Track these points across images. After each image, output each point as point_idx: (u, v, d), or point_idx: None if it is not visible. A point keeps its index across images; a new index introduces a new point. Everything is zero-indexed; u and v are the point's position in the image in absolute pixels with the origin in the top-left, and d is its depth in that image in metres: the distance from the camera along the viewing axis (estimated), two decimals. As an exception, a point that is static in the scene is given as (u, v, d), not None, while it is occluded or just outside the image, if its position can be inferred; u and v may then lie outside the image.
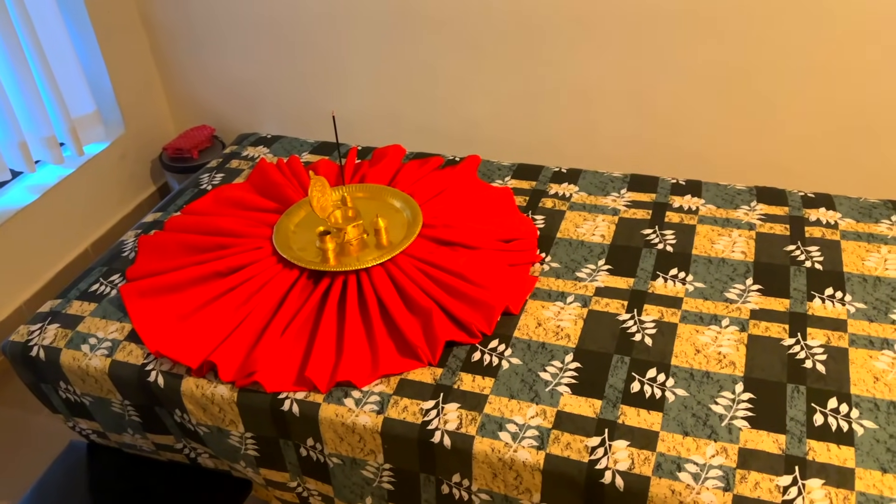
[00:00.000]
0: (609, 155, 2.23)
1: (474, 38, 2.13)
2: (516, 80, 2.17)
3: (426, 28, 2.15)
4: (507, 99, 2.22)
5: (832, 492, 1.03)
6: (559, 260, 1.48)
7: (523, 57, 2.12)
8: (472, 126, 2.30)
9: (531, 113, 2.23)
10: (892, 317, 1.28)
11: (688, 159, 2.16)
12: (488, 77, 2.19)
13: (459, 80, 2.23)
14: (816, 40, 1.88)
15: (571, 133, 2.24)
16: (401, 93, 2.31)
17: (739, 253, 1.45)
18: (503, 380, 1.23)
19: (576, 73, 2.11)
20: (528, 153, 2.30)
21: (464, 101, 2.26)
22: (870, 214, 1.52)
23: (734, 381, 1.19)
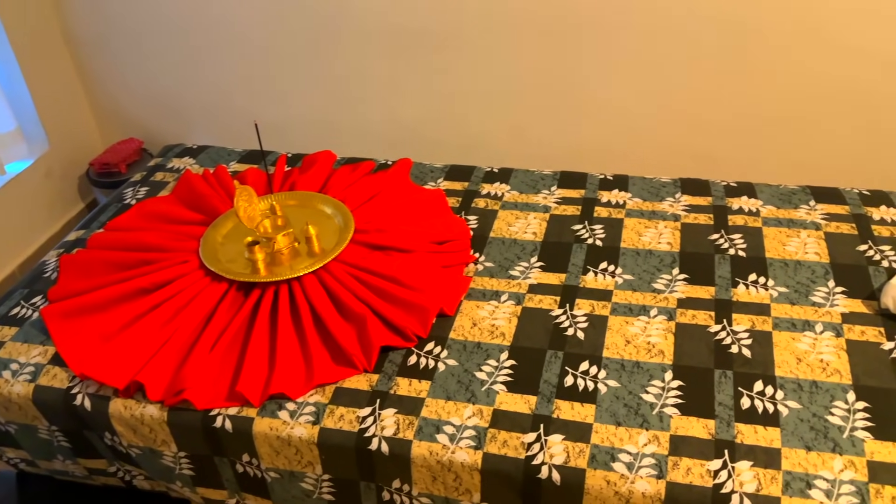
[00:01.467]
0: (541, 153, 2.25)
1: (404, 41, 2.12)
2: (447, 81, 2.18)
3: (356, 32, 2.13)
4: (438, 100, 2.22)
5: (760, 473, 1.06)
6: (493, 259, 1.49)
7: (453, 58, 2.13)
8: (405, 129, 2.29)
9: (463, 113, 2.23)
10: (812, 299, 1.32)
11: (617, 154, 2.20)
12: (419, 79, 2.19)
13: (390, 82, 2.22)
14: (736, 34, 1.93)
15: (504, 132, 2.25)
16: (332, 98, 2.28)
17: (666, 244, 1.49)
18: (440, 382, 1.23)
19: (505, 72, 2.13)
20: (461, 154, 2.30)
21: (395, 104, 2.25)
22: (789, 201, 1.57)
23: (664, 370, 1.22)
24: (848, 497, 1.02)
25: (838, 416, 1.12)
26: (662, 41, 1.98)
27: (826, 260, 1.40)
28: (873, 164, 2.02)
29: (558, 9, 1.99)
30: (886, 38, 1.83)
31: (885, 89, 1.91)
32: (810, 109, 2.00)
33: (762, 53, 1.93)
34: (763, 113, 2.03)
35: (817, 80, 1.95)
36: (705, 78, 2.01)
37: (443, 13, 2.05)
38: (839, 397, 1.14)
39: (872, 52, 1.86)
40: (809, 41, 1.89)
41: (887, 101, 1.93)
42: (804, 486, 1.04)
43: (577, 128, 2.20)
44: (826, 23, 1.85)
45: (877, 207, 1.52)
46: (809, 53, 1.90)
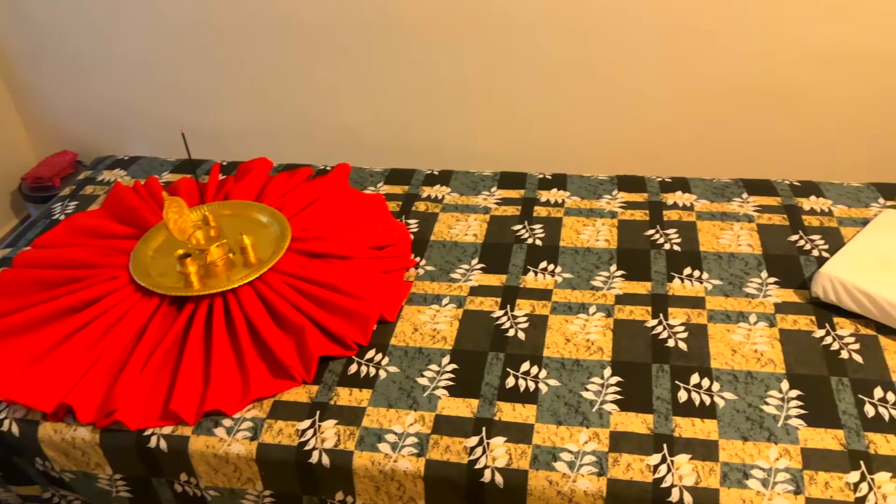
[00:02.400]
0: (483, 154, 2.25)
1: (343, 43, 2.10)
2: (388, 83, 2.16)
3: (294, 35, 2.10)
4: (379, 104, 2.21)
5: (699, 465, 1.07)
6: (434, 263, 1.48)
7: (393, 60, 2.11)
8: (346, 133, 2.26)
9: (405, 116, 2.22)
10: (745, 290, 1.35)
11: (557, 153, 2.21)
12: (360, 82, 2.17)
13: (330, 86, 2.19)
14: (669, 32, 1.96)
15: (446, 134, 2.25)
16: (270, 103, 2.25)
17: (603, 241, 1.50)
18: (381, 390, 1.22)
19: (447, 73, 2.12)
20: (404, 157, 2.29)
21: (335, 108, 2.23)
22: (722, 194, 1.60)
23: (602, 367, 1.23)
24: (783, 485, 1.04)
25: (773, 406, 1.14)
26: (598, 41, 2.00)
27: (759, 251, 1.43)
28: (803, 156, 2.08)
29: (497, 11, 1.99)
30: (813, 31, 1.88)
31: (812, 81, 1.97)
32: (741, 103, 2.04)
33: (694, 50, 1.97)
34: (697, 108, 2.06)
35: (748, 75, 1.99)
36: (641, 76, 2.04)
37: (381, 14, 2.04)
38: (773, 387, 1.17)
39: (800, 46, 1.91)
40: (740, 37, 1.93)
41: (815, 92, 1.99)
42: (741, 476, 1.05)
43: (518, 128, 2.21)
44: (755, 18, 1.89)
45: (807, 198, 1.56)
46: (740, 49, 1.94)
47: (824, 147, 2.08)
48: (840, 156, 2.08)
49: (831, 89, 1.99)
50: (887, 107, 2.02)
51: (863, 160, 2.08)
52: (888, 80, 1.97)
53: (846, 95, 2.00)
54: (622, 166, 2.15)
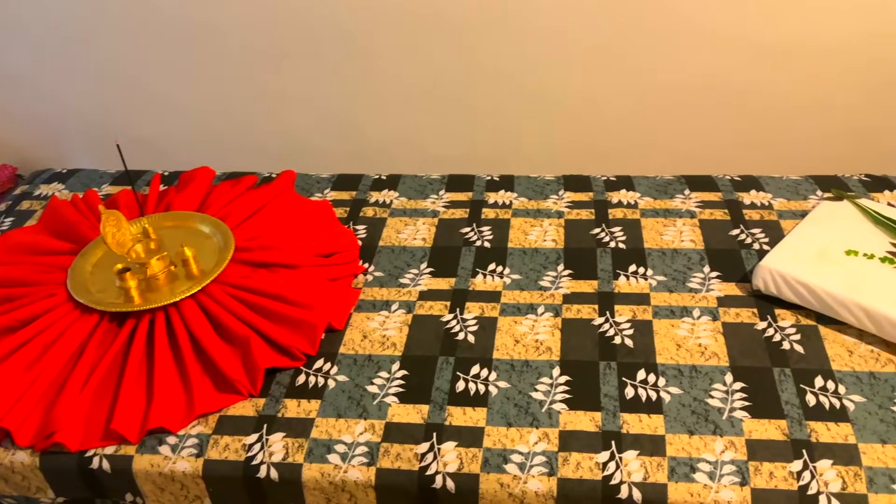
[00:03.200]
0: (433, 156, 2.25)
1: (288, 48, 2.07)
2: (335, 87, 2.14)
3: (236, 40, 2.07)
4: (327, 108, 2.19)
5: (647, 461, 1.08)
6: (382, 268, 1.47)
7: (340, 63, 2.09)
8: (293, 139, 2.24)
9: (353, 120, 2.21)
10: (689, 286, 1.37)
11: (507, 154, 2.22)
12: (306, 87, 2.15)
13: (275, 91, 2.16)
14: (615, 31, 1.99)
15: (395, 137, 2.24)
16: (214, 110, 2.21)
17: (551, 241, 1.51)
18: (330, 400, 1.20)
19: (395, 75, 2.11)
20: (353, 162, 2.27)
21: (282, 114, 2.20)
22: (665, 191, 1.62)
23: (551, 367, 1.23)
24: (730, 477, 1.05)
25: (717, 399, 1.16)
26: (543, 42, 2.01)
27: (701, 246, 1.45)
28: (744, 150, 2.12)
29: (443, 13, 1.99)
30: (752, 27, 1.92)
31: (751, 77, 2.01)
32: (684, 101, 2.08)
33: (638, 50, 1.99)
34: (641, 107, 2.09)
35: (690, 73, 2.03)
36: (587, 76, 2.06)
37: (326, 18, 2.02)
38: (718, 380, 1.19)
39: (739, 42, 1.95)
40: (682, 36, 1.96)
41: (753, 87, 2.03)
42: (688, 470, 1.07)
43: (467, 129, 2.21)
44: (696, 17, 1.93)
45: (747, 192, 1.60)
46: (681, 47, 1.98)
47: (764, 141, 2.13)
48: (779, 150, 2.13)
49: (770, 85, 2.04)
50: (824, 100, 2.08)
51: (801, 153, 2.14)
52: (823, 74, 2.03)
53: (784, 90, 2.05)
54: (570, 166, 2.17)
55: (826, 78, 2.05)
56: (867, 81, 2.09)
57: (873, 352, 1.20)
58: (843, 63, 2.03)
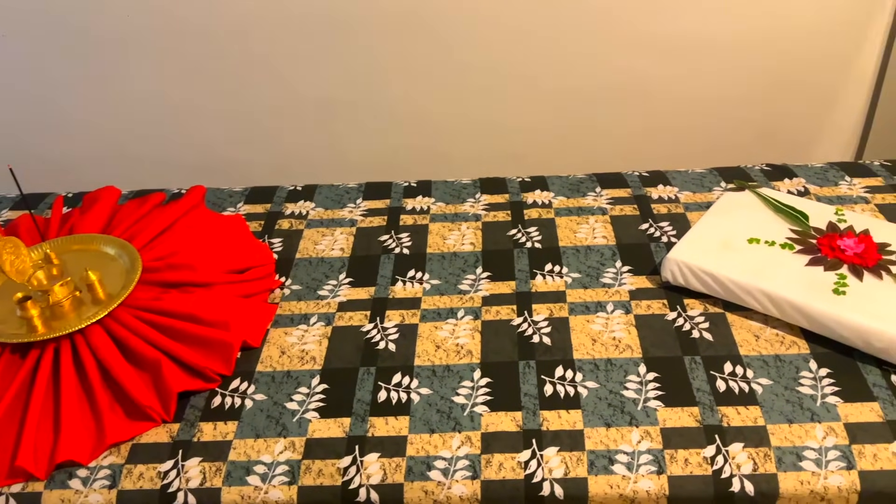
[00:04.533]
0: (351, 164, 2.24)
1: (196, 60, 2.02)
2: (248, 98, 2.10)
3: (140, 53, 2.00)
4: (240, 119, 2.14)
5: (566, 456, 1.10)
6: (300, 281, 1.45)
7: (252, 73, 2.06)
8: (206, 153, 2.19)
9: (268, 131, 2.17)
10: (602, 281, 1.40)
11: (426, 159, 2.23)
12: (217, 99, 2.10)
13: (185, 105, 2.11)
14: (526, 34, 2.02)
15: (313, 147, 2.22)
16: (120, 127, 2.13)
17: (469, 245, 1.52)
18: (247, 420, 1.17)
19: (309, 83, 2.09)
20: (270, 173, 2.24)
21: (193, 128, 2.15)
22: (578, 189, 1.66)
23: (472, 370, 1.24)
24: (647, 466, 1.08)
25: (632, 390, 1.19)
26: (456, 45, 2.03)
27: (613, 242, 1.49)
28: (653, 146, 2.19)
29: (354, 18, 1.98)
30: (655, 26, 1.99)
31: (657, 74, 2.08)
32: (593, 100, 2.13)
33: (547, 51, 2.03)
34: (552, 108, 2.13)
35: (598, 73, 2.08)
36: (501, 78, 2.09)
37: (235, 27, 1.98)
38: (632, 371, 1.22)
39: (644, 41, 2.01)
40: (588, 36, 2.01)
41: (659, 85, 2.10)
42: (607, 462, 1.09)
43: (385, 136, 2.21)
44: (603, 17, 1.98)
45: (655, 187, 1.64)
46: (588, 47, 2.02)
47: (672, 137, 2.20)
48: (687, 144, 2.21)
49: (675, 81, 2.11)
50: (726, 94, 2.17)
51: (707, 147, 2.22)
52: (724, 69, 2.11)
53: (688, 86, 2.13)
54: (488, 169, 2.19)
55: (727, 72, 2.14)
56: (766, 74, 2.19)
57: (778, 335, 1.26)
58: (742, 57, 2.13)
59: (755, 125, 2.27)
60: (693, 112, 2.19)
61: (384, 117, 2.16)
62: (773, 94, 2.23)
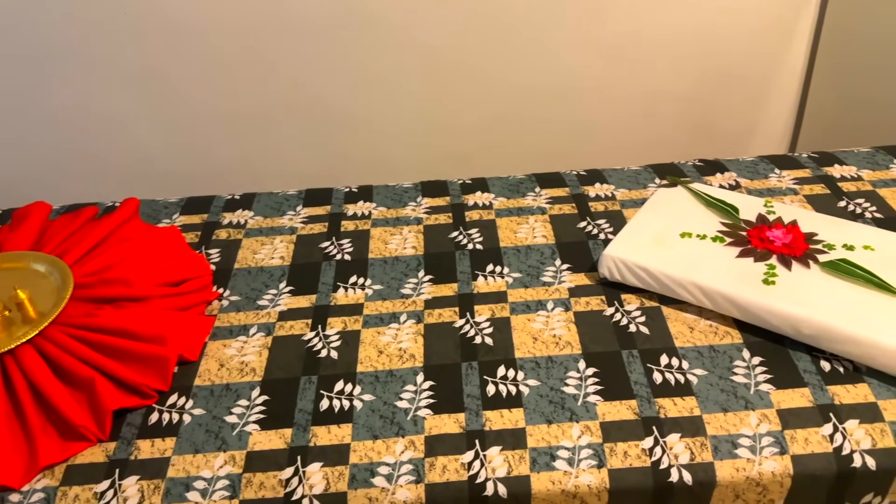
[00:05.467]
0: (293, 172, 2.22)
1: (130, 68, 1.98)
2: (185, 106, 2.07)
3: (70, 64, 1.95)
4: (177, 128, 2.11)
5: (509, 455, 1.11)
6: (239, 292, 1.43)
7: (191, 81, 2.02)
8: (142, 164, 2.14)
9: (206, 139, 2.14)
10: (542, 280, 1.41)
11: (367, 163, 2.22)
12: (154, 108, 2.06)
13: (119, 115, 2.06)
14: (465, 36, 2.03)
15: (253, 155, 2.19)
16: (51, 139, 2.07)
17: (411, 248, 1.52)
18: (186, 436, 1.15)
19: (248, 90, 2.06)
20: (209, 183, 2.20)
21: (128, 138, 2.10)
22: (517, 190, 1.67)
23: (415, 373, 1.24)
24: (587, 461, 1.09)
25: (572, 386, 1.20)
26: (396, 48, 2.03)
27: (552, 241, 1.51)
28: (592, 145, 2.23)
29: (292, 22, 1.96)
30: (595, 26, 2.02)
31: (595, 74, 2.11)
32: (533, 101, 2.15)
33: (487, 54, 2.05)
34: (493, 110, 2.15)
35: (537, 74, 2.10)
36: (441, 82, 2.09)
37: (168, 34, 1.94)
38: (572, 368, 1.23)
39: (584, 41, 2.04)
40: (526, 38, 2.03)
41: (598, 83, 2.14)
42: (549, 459, 1.10)
43: (326, 142, 2.20)
44: (541, 19, 2.00)
45: (592, 185, 1.67)
46: (526, 49, 2.04)
47: (610, 135, 2.24)
48: (625, 141, 2.25)
49: (612, 80, 2.15)
50: (661, 91, 2.21)
51: (645, 143, 2.27)
52: (660, 67, 2.16)
53: (626, 84, 2.17)
54: (431, 171, 2.20)
55: (663, 71, 2.19)
56: (700, 71, 2.24)
57: (712, 326, 1.29)
58: (677, 55, 2.18)
59: (692, 121, 2.32)
60: (632, 110, 2.23)
61: (325, 123, 2.15)
62: (708, 90, 2.29)
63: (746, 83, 2.33)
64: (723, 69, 2.26)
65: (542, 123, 2.18)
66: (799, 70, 2.36)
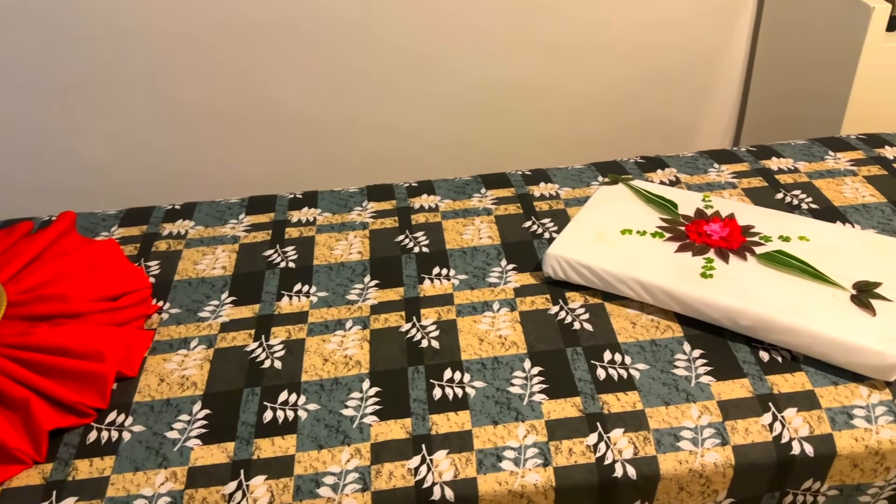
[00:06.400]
0: (236, 179, 2.18)
1: (66, 77, 1.92)
2: (123, 115, 2.02)
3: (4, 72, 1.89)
4: (120, 138, 2.06)
5: (456, 458, 1.10)
6: (179, 304, 1.40)
7: (132, 88, 1.98)
8: (84, 175, 2.09)
9: (149, 149, 2.09)
10: (488, 281, 1.42)
11: (313, 170, 2.20)
12: (91, 117, 2.01)
13: (58, 126, 2.00)
14: (407, 40, 2.02)
15: (196, 163, 2.15)
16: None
17: (356, 254, 1.50)
18: (125, 454, 1.12)
19: (189, 96, 2.03)
20: (154, 193, 2.16)
21: (67, 149, 2.04)
22: (463, 191, 1.67)
23: (361, 380, 1.23)
24: (533, 460, 1.10)
25: (518, 386, 1.20)
26: (341, 52, 2.01)
27: (498, 242, 1.51)
28: (540, 145, 2.24)
29: (234, 30, 1.93)
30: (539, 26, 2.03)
31: (541, 74, 2.12)
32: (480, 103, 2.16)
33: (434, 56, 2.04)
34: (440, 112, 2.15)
35: (484, 75, 2.11)
36: (385, 86, 2.08)
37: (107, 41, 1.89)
38: (518, 367, 1.24)
39: (528, 41, 2.05)
40: (472, 40, 2.03)
41: (544, 83, 2.15)
42: (495, 460, 1.10)
43: (272, 148, 2.17)
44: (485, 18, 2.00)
45: (537, 185, 1.68)
46: (472, 51, 2.05)
47: (558, 134, 2.26)
48: (573, 141, 2.27)
49: (557, 79, 2.17)
50: (608, 90, 2.24)
51: (589, 142, 2.29)
52: (604, 66, 2.18)
53: (571, 84, 2.19)
54: (378, 174, 2.19)
55: (607, 69, 2.21)
56: (644, 69, 2.27)
57: (653, 321, 1.30)
58: (621, 54, 2.20)
59: (638, 118, 2.35)
60: (578, 108, 2.25)
61: (271, 128, 2.12)
62: (653, 86, 2.32)
63: (690, 79, 2.37)
64: (666, 65, 2.30)
65: (490, 123, 2.19)
66: (740, 64, 2.41)
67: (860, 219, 1.51)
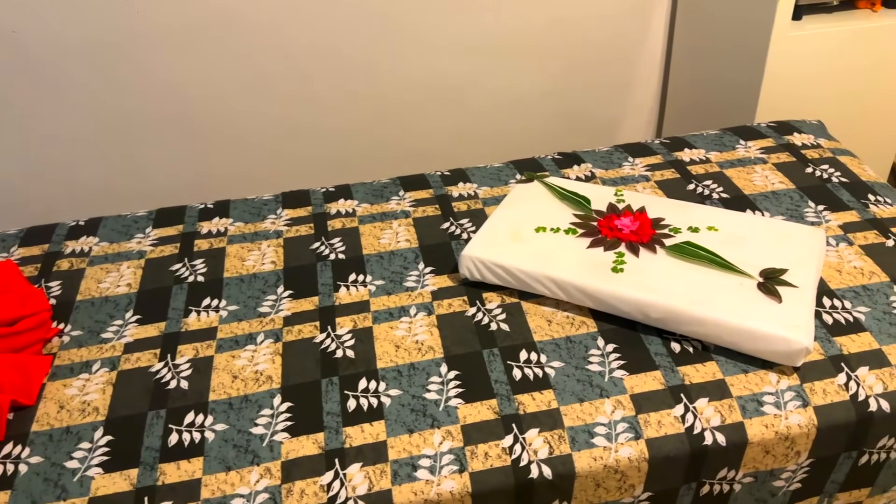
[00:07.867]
0: (146, 190, 2.11)
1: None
2: (24, 128, 1.93)
3: None
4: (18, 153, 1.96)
5: (370, 470, 1.08)
6: (81, 326, 1.33)
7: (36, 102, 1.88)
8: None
9: (55, 163, 2.00)
10: (405, 285, 1.39)
11: (227, 177, 2.14)
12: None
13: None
14: (325, 43, 1.98)
15: (105, 175, 2.07)
16: None
17: (270, 264, 1.46)
18: (22, 488, 1.06)
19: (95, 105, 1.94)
20: (60, 209, 2.07)
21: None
22: (381, 194, 1.65)
23: (272, 396, 1.19)
24: (449, 467, 1.08)
25: (434, 392, 1.18)
26: (253, 54, 1.96)
27: (416, 245, 1.49)
28: (463, 145, 2.23)
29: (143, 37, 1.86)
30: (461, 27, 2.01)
31: (462, 73, 2.11)
32: (401, 102, 2.13)
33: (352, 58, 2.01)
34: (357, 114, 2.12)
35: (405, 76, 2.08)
36: (302, 88, 2.04)
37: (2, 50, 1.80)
38: (434, 372, 1.22)
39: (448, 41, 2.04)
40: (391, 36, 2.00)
41: (465, 82, 2.14)
42: (410, 470, 1.08)
43: (183, 157, 2.10)
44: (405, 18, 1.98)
45: (456, 185, 1.66)
46: (393, 51, 2.02)
47: (481, 133, 2.25)
48: (497, 139, 2.27)
49: (479, 78, 2.16)
50: (530, 87, 2.24)
51: (511, 141, 2.29)
52: (525, 64, 2.18)
53: (494, 82, 2.18)
54: (294, 181, 2.14)
55: (526, 66, 2.21)
56: (563, 64, 2.28)
57: (569, 317, 1.30)
58: (538, 50, 2.20)
59: (560, 115, 2.37)
60: (500, 107, 2.25)
61: (182, 136, 2.05)
62: (573, 82, 2.34)
63: (610, 74, 2.40)
64: (586, 61, 2.31)
65: (410, 124, 2.16)
66: (658, 57, 2.44)
67: (769, 206, 1.54)
